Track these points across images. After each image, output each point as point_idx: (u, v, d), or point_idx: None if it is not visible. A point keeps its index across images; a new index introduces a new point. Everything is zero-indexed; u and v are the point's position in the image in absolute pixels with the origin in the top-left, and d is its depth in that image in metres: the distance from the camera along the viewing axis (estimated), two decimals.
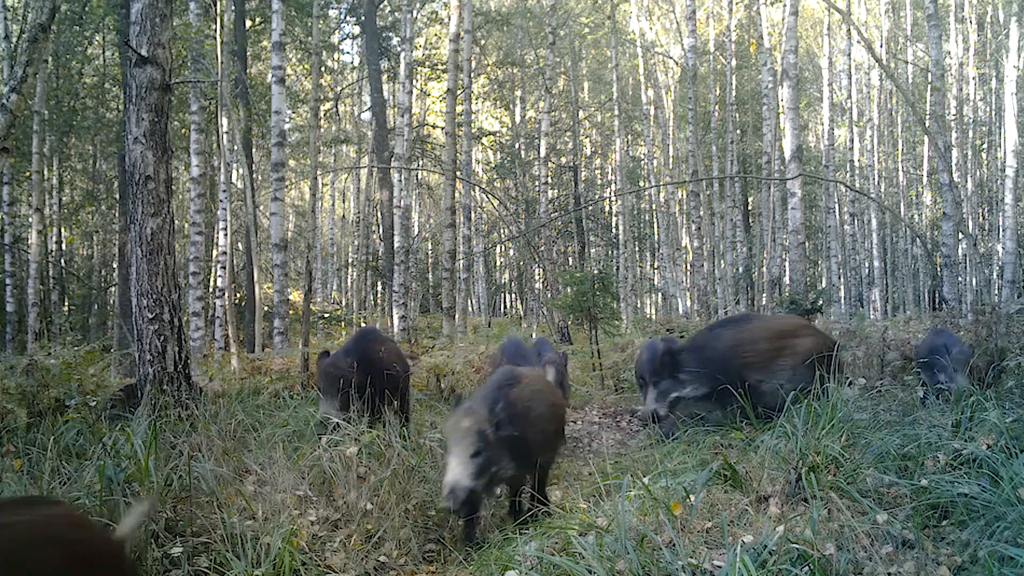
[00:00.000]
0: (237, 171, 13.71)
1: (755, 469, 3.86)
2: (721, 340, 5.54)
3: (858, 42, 18.58)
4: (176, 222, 5.42)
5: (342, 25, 23.04)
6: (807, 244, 13.20)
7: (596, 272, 11.75)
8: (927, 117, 14.23)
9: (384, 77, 20.11)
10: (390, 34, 20.26)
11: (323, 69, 21.34)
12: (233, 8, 12.95)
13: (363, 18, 19.51)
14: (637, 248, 26.52)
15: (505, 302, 34.59)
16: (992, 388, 4.93)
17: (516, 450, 3.54)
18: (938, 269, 18.98)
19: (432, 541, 3.76)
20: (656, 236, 24.33)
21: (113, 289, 16.95)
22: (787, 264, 12.73)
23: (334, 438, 4.26)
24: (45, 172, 13.85)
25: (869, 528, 2.98)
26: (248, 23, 16.49)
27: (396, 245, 13.76)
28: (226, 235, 12.05)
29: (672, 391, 5.48)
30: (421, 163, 20.73)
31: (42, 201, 12.55)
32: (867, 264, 22.38)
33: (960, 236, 12.64)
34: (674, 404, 5.52)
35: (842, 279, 21.19)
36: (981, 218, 22.29)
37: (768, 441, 4.11)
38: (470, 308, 18.99)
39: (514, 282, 28.28)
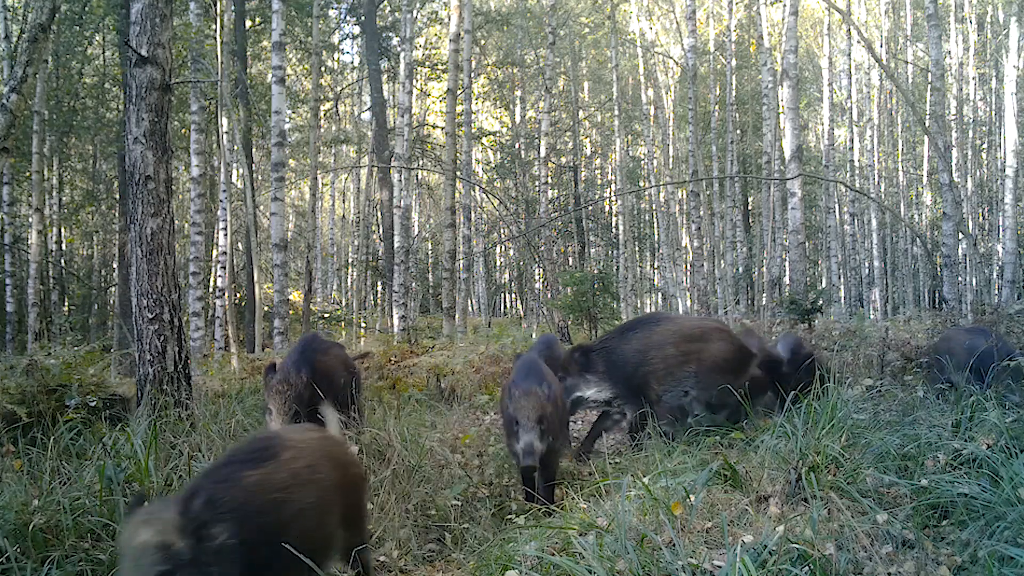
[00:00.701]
0: (237, 171, 13.72)
1: (755, 469, 3.86)
2: (630, 344, 5.37)
3: (858, 42, 18.58)
4: (176, 222, 5.42)
5: (342, 25, 23.05)
6: (807, 244, 13.21)
7: (596, 272, 11.76)
8: (927, 117, 14.24)
9: (384, 77, 20.11)
10: (390, 34, 20.26)
11: (323, 69, 21.34)
12: (233, 8, 12.95)
13: (363, 18, 19.51)
14: (637, 248, 26.51)
15: (505, 302, 34.59)
16: (992, 388, 4.93)
17: (245, 569, 2.32)
18: (938, 269, 18.97)
19: (432, 541, 3.76)
20: (656, 236, 24.32)
21: (113, 289, 16.95)
22: (787, 264, 12.73)
23: None
24: (45, 172, 13.85)
25: (869, 528, 2.98)
26: (248, 23, 16.50)
27: (396, 245, 13.76)
28: (226, 235, 12.06)
29: (576, 390, 5.34)
30: (421, 163, 20.73)
31: (42, 201, 12.56)
32: (867, 264, 22.38)
33: (960, 236, 12.64)
34: (576, 403, 5.39)
35: (842, 279, 21.20)
36: (981, 218, 22.29)
37: (768, 441, 4.11)
38: (470, 308, 18.99)
39: (514, 282, 28.28)
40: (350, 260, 25.25)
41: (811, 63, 24.54)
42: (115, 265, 16.23)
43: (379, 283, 24.05)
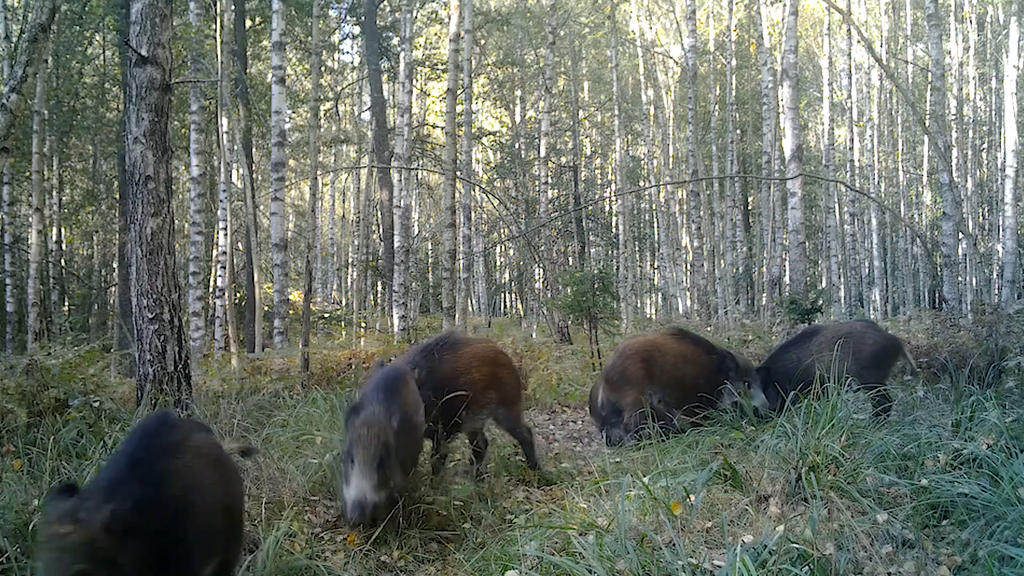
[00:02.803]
0: (237, 171, 13.71)
1: (755, 469, 3.86)
2: (443, 364, 4.92)
3: (858, 42, 18.58)
4: (176, 222, 5.42)
5: (342, 25, 23.04)
6: (807, 244, 13.19)
7: (596, 272, 11.73)
8: (927, 117, 14.23)
9: (384, 77, 20.10)
10: (390, 34, 20.25)
11: (323, 69, 21.33)
12: (233, 8, 12.94)
13: (363, 18, 19.50)
14: (637, 248, 26.51)
15: (505, 302, 34.58)
16: (992, 388, 4.93)
17: None
18: (938, 269, 18.98)
19: (432, 541, 3.76)
20: (656, 236, 24.32)
21: (113, 289, 16.94)
22: (787, 264, 12.73)
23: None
24: (45, 172, 13.83)
25: (869, 528, 2.98)
26: (248, 23, 16.48)
27: (396, 245, 13.75)
28: (226, 235, 12.05)
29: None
30: (421, 163, 20.72)
31: (42, 201, 12.55)
32: (867, 264, 22.37)
33: (960, 236, 12.63)
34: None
35: (842, 279, 21.19)
36: (981, 218, 22.28)
37: (768, 441, 4.11)
38: (470, 308, 18.98)
39: (514, 282, 28.27)
40: (350, 260, 25.25)
41: (811, 63, 24.53)
42: (115, 265, 16.24)
43: (379, 283, 24.04)
